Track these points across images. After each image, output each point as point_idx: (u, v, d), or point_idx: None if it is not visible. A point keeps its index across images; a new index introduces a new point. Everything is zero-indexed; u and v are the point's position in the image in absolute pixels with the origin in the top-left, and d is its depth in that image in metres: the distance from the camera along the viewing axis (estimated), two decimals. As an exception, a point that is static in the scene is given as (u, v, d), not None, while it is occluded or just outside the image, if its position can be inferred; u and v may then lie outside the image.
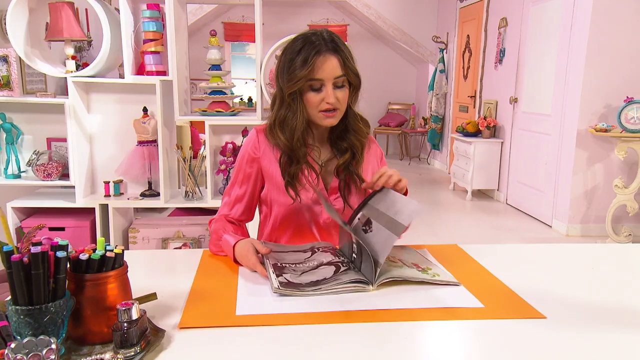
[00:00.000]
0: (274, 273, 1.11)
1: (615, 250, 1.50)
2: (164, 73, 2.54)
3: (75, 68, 2.49)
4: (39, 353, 0.69)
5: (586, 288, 1.13)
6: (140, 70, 2.57)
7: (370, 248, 1.12)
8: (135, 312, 0.79)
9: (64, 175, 2.57)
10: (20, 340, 0.71)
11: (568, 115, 4.17)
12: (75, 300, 0.80)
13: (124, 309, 0.78)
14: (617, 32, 3.88)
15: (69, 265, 0.82)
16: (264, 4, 2.52)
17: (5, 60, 2.47)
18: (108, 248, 0.84)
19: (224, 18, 8.04)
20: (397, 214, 1.13)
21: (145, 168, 2.61)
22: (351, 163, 1.35)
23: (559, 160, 4.32)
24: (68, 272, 0.81)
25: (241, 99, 7.55)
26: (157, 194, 2.63)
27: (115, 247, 0.85)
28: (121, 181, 2.66)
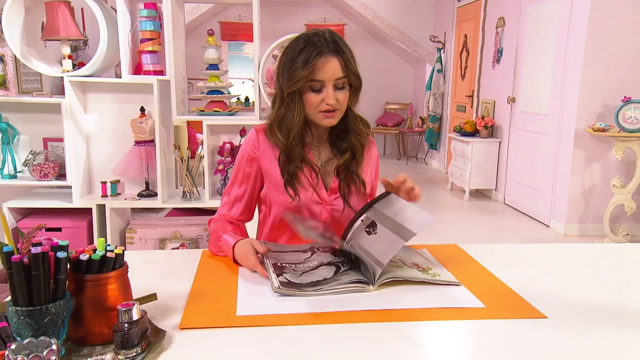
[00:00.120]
0: (274, 273, 1.10)
1: (614, 250, 1.50)
2: (161, 72, 2.53)
3: (72, 67, 2.48)
4: (40, 354, 0.69)
5: (586, 288, 1.14)
6: (138, 69, 2.56)
7: (372, 250, 1.12)
8: (136, 313, 0.79)
9: (61, 176, 2.56)
10: (20, 341, 0.70)
11: (566, 114, 4.18)
12: (75, 301, 0.80)
13: (124, 309, 0.78)
14: (615, 32, 3.89)
15: (69, 266, 0.82)
16: (261, 3, 2.51)
17: (1, 59, 2.46)
18: (108, 248, 0.84)
19: (221, 17, 8.02)
20: (406, 221, 1.14)
21: (142, 168, 2.60)
22: (351, 163, 1.35)
23: (556, 160, 4.33)
24: (68, 273, 0.81)
25: (238, 98, 7.55)
26: (155, 194, 2.62)
27: (115, 248, 0.85)
28: (118, 181, 2.65)
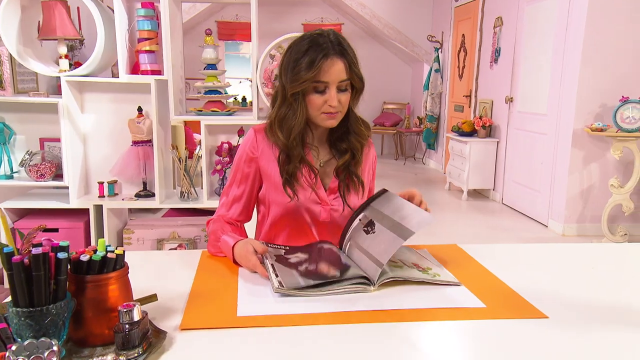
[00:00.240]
0: (273, 273, 1.10)
1: (613, 250, 1.50)
2: (158, 72, 2.52)
3: (68, 67, 2.47)
4: (40, 355, 0.68)
5: (586, 288, 1.14)
6: (135, 69, 2.55)
7: (371, 249, 1.12)
8: (137, 314, 0.78)
9: (58, 176, 2.55)
10: (21, 342, 0.70)
11: (564, 114, 4.19)
12: (76, 301, 0.80)
13: (125, 310, 0.77)
14: (613, 32, 3.89)
15: (69, 267, 0.81)
16: (258, 3, 2.51)
17: (-3, 59, 2.45)
18: (109, 249, 0.84)
19: (218, 17, 8.01)
20: (405, 220, 1.13)
21: (140, 168, 2.59)
22: (351, 163, 1.35)
23: (554, 160, 4.33)
24: (69, 274, 0.81)
25: (235, 98, 7.54)
26: (152, 195, 2.62)
27: (116, 249, 0.84)
28: (116, 182, 2.64)
